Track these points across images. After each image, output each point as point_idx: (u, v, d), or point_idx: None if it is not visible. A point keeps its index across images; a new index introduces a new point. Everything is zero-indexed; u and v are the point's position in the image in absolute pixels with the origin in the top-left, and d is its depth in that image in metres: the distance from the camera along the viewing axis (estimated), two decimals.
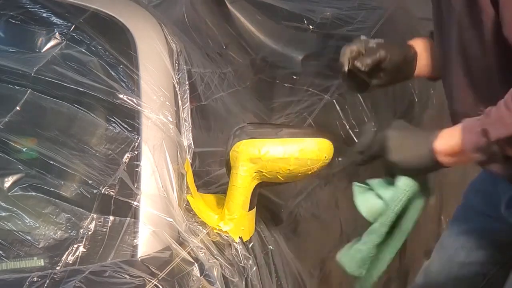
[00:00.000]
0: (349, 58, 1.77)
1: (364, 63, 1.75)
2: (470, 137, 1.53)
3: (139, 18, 1.87)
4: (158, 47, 1.79)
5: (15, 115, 1.63)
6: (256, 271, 1.69)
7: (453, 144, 1.56)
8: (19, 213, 1.54)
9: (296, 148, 1.65)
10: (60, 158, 1.60)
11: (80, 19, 1.79)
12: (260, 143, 1.65)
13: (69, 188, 1.59)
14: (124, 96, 1.68)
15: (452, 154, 1.57)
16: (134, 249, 1.55)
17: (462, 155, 1.56)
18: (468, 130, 1.54)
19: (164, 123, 1.68)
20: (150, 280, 1.45)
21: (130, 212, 1.58)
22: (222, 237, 1.66)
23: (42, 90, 1.66)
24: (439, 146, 1.57)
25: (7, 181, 1.56)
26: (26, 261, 1.51)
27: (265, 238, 1.81)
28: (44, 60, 1.70)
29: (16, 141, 1.61)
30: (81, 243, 1.53)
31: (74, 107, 1.66)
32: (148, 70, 1.74)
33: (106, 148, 1.64)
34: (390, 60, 1.79)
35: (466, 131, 1.54)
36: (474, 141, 1.52)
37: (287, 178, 1.69)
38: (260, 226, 1.81)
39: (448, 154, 1.57)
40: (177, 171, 1.66)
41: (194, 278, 1.53)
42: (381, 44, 1.80)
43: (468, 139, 1.53)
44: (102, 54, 1.74)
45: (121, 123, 1.66)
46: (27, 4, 1.81)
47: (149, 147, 1.64)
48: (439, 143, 1.57)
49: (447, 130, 1.59)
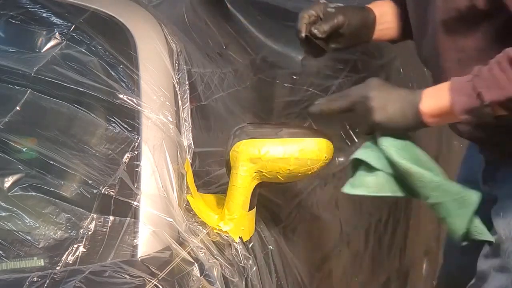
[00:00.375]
0: (307, 23, 1.75)
1: (321, 30, 1.73)
2: (461, 99, 1.50)
3: (139, 18, 1.87)
4: (158, 47, 1.79)
5: (15, 115, 1.63)
6: (256, 271, 1.69)
7: (441, 105, 1.53)
8: (19, 213, 1.54)
9: (296, 148, 1.65)
10: (60, 158, 1.60)
11: (80, 19, 1.79)
12: (260, 143, 1.65)
13: (69, 188, 1.59)
14: (124, 96, 1.68)
15: (439, 115, 1.55)
16: (134, 249, 1.55)
17: (450, 116, 1.54)
18: (457, 91, 1.51)
19: (164, 123, 1.68)
20: (150, 280, 1.45)
21: (130, 212, 1.58)
22: (222, 237, 1.66)
23: (42, 90, 1.66)
24: (426, 108, 1.54)
25: (7, 181, 1.56)
26: (26, 261, 1.51)
27: (265, 238, 1.81)
28: (44, 60, 1.69)
29: (16, 141, 1.60)
30: (81, 243, 1.53)
31: (74, 107, 1.66)
32: (148, 70, 1.74)
33: (106, 148, 1.64)
34: (348, 25, 1.77)
35: (456, 92, 1.51)
36: (465, 103, 1.50)
37: (287, 178, 1.69)
38: (260, 226, 1.81)
39: (435, 115, 1.55)
40: (177, 171, 1.66)
41: (194, 278, 1.53)
42: (340, 8, 1.78)
43: (459, 100, 1.50)
44: (102, 54, 1.74)
45: (121, 123, 1.66)
46: (27, 4, 1.80)
47: (149, 147, 1.64)
48: (426, 104, 1.54)
49: (432, 90, 1.56)
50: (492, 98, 1.47)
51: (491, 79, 1.47)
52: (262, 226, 1.83)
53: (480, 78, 1.49)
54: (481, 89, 1.47)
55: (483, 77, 1.48)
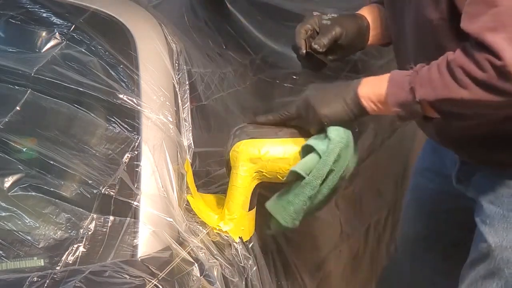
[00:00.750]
0: (305, 39, 1.75)
1: (321, 44, 1.73)
2: (395, 91, 1.52)
3: (139, 18, 1.87)
4: (158, 47, 1.79)
5: (15, 115, 1.63)
6: (256, 271, 1.69)
7: (378, 93, 1.55)
8: (19, 213, 1.54)
9: (296, 148, 1.65)
10: (60, 158, 1.60)
11: (80, 19, 1.79)
12: (260, 143, 1.65)
13: (69, 188, 1.59)
14: (124, 96, 1.68)
15: (375, 102, 1.57)
16: (134, 249, 1.55)
17: (385, 106, 1.56)
18: (394, 83, 1.53)
19: (164, 123, 1.68)
20: (150, 280, 1.45)
21: (130, 212, 1.58)
22: (222, 237, 1.66)
23: (42, 90, 1.66)
24: (363, 92, 1.56)
25: (7, 181, 1.56)
26: (26, 261, 1.51)
27: (265, 238, 1.81)
28: (44, 60, 1.70)
29: (16, 141, 1.61)
30: (81, 243, 1.53)
31: (74, 107, 1.66)
32: (148, 70, 1.74)
33: (106, 148, 1.64)
34: (346, 36, 1.77)
35: (393, 84, 1.54)
36: (398, 96, 1.52)
37: None
38: (260, 226, 1.81)
39: (372, 100, 1.57)
40: (177, 171, 1.66)
41: (194, 278, 1.53)
42: (336, 19, 1.77)
43: (393, 93, 1.53)
44: (102, 54, 1.74)
45: (121, 123, 1.66)
46: (27, 4, 1.81)
47: (149, 147, 1.64)
48: (364, 89, 1.57)
49: (373, 78, 1.58)
50: (423, 96, 1.49)
51: (426, 78, 1.49)
52: (262, 226, 1.83)
53: (418, 75, 1.50)
54: (414, 85, 1.50)
55: (420, 75, 1.50)
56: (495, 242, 1.74)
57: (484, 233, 1.76)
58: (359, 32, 1.80)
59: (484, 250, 1.76)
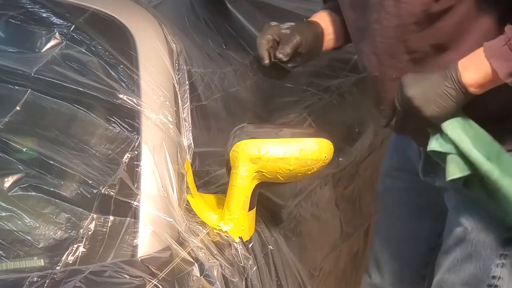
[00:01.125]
0: (268, 49, 1.77)
1: (285, 53, 1.75)
2: (505, 65, 1.53)
3: (139, 18, 1.87)
4: (158, 47, 1.79)
5: (15, 115, 1.63)
6: (256, 271, 1.69)
7: (484, 74, 1.56)
8: (19, 213, 1.54)
9: (296, 148, 1.65)
10: (60, 158, 1.60)
11: (80, 19, 1.79)
12: (260, 143, 1.65)
13: (69, 188, 1.59)
14: (124, 96, 1.68)
15: (484, 83, 1.57)
16: (134, 249, 1.55)
17: (494, 82, 1.56)
18: (498, 57, 1.54)
19: (164, 123, 1.68)
20: (150, 280, 1.45)
21: (130, 212, 1.58)
22: (222, 237, 1.66)
23: (42, 90, 1.66)
24: (470, 80, 1.57)
25: (7, 181, 1.56)
26: (26, 261, 1.51)
27: (265, 238, 1.81)
28: (44, 60, 1.70)
29: (16, 141, 1.60)
30: (81, 243, 1.53)
31: (74, 107, 1.66)
32: (148, 70, 1.74)
33: (106, 148, 1.64)
34: (305, 43, 1.80)
35: (496, 59, 1.54)
36: (509, 67, 1.53)
37: (287, 178, 1.68)
38: (260, 226, 1.81)
39: (479, 84, 1.57)
40: (177, 171, 1.66)
41: (194, 278, 1.53)
42: (294, 28, 1.80)
43: (502, 66, 1.54)
44: (102, 54, 1.74)
45: (121, 123, 1.66)
46: (27, 4, 1.81)
47: (149, 147, 1.64)
48: (468, 77, 1.57)
49: (467, 62, 1.58)
50: None
51: None
52: (262, 226, 1.83)
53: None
54: None
55: None
56: (471, 225, 1.77)
57: (459, 218, 1.80)
58: (316, 39, 1.84)
59: (460, 234, 1.80)
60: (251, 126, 1.69)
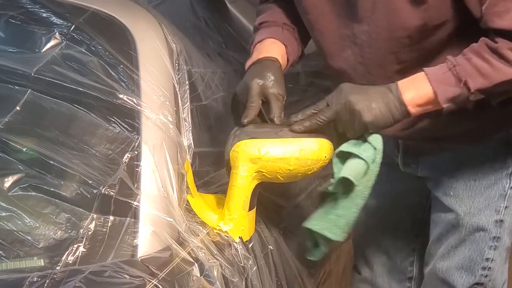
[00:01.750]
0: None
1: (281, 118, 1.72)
2: (445, 89, 1.58)
3: (139, 18, 1.87)
4: (158, 47, 1.79)
5: (15, 115, 1.63)
6: (256, 271, 1.69)
7: (423, 95, 1.60)
8: (19, 213, 1.54)
9: (296, 148, 1.65)
10: (60, 158, 1.59)
11: (80, 19, 1.79)
12: (260, 143, 1.65)
13: (69, 188, 1.58)
14: (124, 96, 1.68)
15: (422, 104, 1.61)
16: (134, 249, 1.55)
17: (432, 105, 1.60)
18: (439, 81, 1.58)
19: (164, 123, 1.68)
20: (150, 280, 1.45)
21: (130, 212, 1.58)
22: (222, 237, 1.66)
23: (42, 90, 1.66)
24: (410, 99, 1.60)
25: (7, 181, 1.56)
26: (26, 261, 1.51)
27: (265, 238, 1.81)
28: (44, 60, 1.69)
29: (16, 141, 1.60)
30: (81, 243, 1.53)
31: (74, 107, 1.66)
32: (148, 70, 1.74)
33: (106, 148, 1.64)
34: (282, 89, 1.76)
35: (438, 82, 1.58)
36: (448, 92, 1.57)
37: (287, 178, 1.68)
38: (260, 226, 1.81)
39: (418, 104, 1.61)
40: (177, 171, 1.66)
41: (194, 278, 1.53)
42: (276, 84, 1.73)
43: (442, 90, 1.58)
44: (102, 54, 1.73)
45: (121, 123, 1.66)
46: (27, 4, 1.80)
47: (149, 147, 1.64)
48: (408, 96, 1.60)
49: (408, 83, 1.61)
50: (478, 86, 1.56)
51: (472, 69, 1.56)
52: (262, 226, 1.83)
53: (460, 68, 1.57)
54: (465, 78, 1.56)
55: (463, 68, 1.57)
56: (464, 211, 1.83)
57: (450, 205, 1.85)
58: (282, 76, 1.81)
59: (452, 221, 1.85)
60: (251, 126, 1.69)
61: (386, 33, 1.66)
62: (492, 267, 1.84)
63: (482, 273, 1.85)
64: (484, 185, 1.82)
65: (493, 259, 1.84)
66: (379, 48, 1.69)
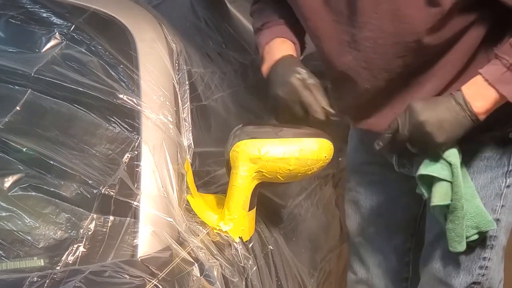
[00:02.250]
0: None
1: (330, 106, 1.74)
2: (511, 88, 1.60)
3: (139, 18, 1.87)
4: (158, 47, 1.79)
5: (15, 115, 1.63)
6: (256, 271, 1.69)
7: (493, 101, 1.62)
8: (19, 213, 1.54)
9: (296, 148, 1.65)
10: (60, 158, 1.59)
11: (80, 19, 1.79)
12: (260, 143, 1.65)
13: (69, 188, 1.59)
14: (124, 96, 1.68)
15: (491, 109, 1.63)
16: (134, 249, 1.55)
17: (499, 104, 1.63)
18: (501, 82, 1.60)
19: (164, 123, 1.68)
20: (150, 280, 1.45)
21: (130, 212, 1.58)
22: (222, 237, 1.66)
23: (42, 90, 1.66)
24: (481, 109, 1.62)
25: (7, 181, 1.56)
26: (26, 261, 1.51)
27: (265, 238, 1.81)
28: (44, 60, 1.69)
29: (16, 141, 1.60)
30: (81, 243, 1.53)
31: (74, 107, 1.66)
32: (148, 70, 1.74)
33: (106, 148, 1.64)
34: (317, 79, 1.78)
35: (500, 84, 1.60)
36: None
37: (287, 178, 1.69)
38: (260, 226, 1.81)
39: (488, 110, 1.63)
40: (177, 171, 1.66)
41: (194, 278, 1.53)
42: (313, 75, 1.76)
43: (509, 90, 1.60)
44: (102, 54, 1.74)
45: (121, 123, 1.66)
46: (27, 4, 1.80)
47: (149, 147, 1.64)
48: (478, 106, 1.62)
49: (472, 92, 1.63)
50: None
51: None
52: (262, 226, 1.83)
53: None
54: None
55: None
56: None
57: None
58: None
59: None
60: (251, 126, 1.69)
61: (392, 38, 1.65)
62: (489, 266, 1.85)
63: (479, 272, 1.85)
64: (480, 184, 1.82)
65: (490, 258, 1.84)
66: (385, 53, 1.69)
